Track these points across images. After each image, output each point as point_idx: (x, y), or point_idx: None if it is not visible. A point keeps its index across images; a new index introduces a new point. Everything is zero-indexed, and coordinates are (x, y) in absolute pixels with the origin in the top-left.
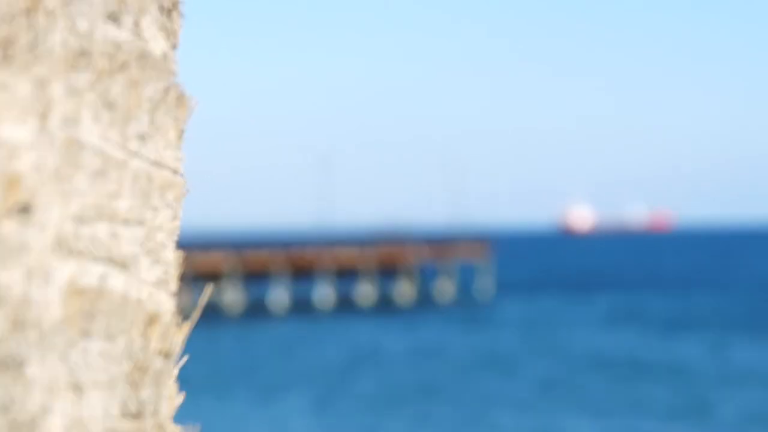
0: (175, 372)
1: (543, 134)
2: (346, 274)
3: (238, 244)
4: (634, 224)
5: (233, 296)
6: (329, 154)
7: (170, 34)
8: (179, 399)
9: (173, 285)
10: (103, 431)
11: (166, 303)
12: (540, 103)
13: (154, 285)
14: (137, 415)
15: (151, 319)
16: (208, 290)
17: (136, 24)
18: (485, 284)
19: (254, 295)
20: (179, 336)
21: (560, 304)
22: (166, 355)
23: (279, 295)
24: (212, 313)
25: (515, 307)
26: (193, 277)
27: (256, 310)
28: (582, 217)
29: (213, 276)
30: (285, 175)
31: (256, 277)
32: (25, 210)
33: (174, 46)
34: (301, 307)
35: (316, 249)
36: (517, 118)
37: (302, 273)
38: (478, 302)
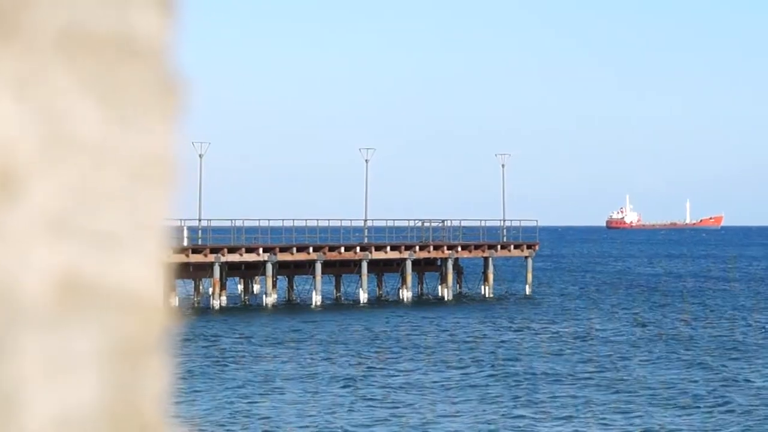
0: (167, 359)
1: (594, 134)
2: (387, 271)
3: (279, 240)
4: (681, 223)
5: (273, 291)
6: (381, 149)
7: (165, 9)
8: (167, 385)
9: (161, 269)
10: (82, 416)
11: (152, 286)
12: (596, 104)
13: (139, 267)
14: (117, 401)
15: (136, 303)
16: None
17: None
18: (530, 279)
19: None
20: (167, 321)
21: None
22: (150, 340)
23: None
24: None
25: (558, 302)
26: (231, 271)
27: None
28: (630, 214)
29: (253, 270)
30: (328, 170)
31: (295, 273)
32: (4, 188)
33: (170, 23)
34: (338, 303)
35: (359, 246)
36: (569, 117)
37: (343, 270)
38: (523, 296)
